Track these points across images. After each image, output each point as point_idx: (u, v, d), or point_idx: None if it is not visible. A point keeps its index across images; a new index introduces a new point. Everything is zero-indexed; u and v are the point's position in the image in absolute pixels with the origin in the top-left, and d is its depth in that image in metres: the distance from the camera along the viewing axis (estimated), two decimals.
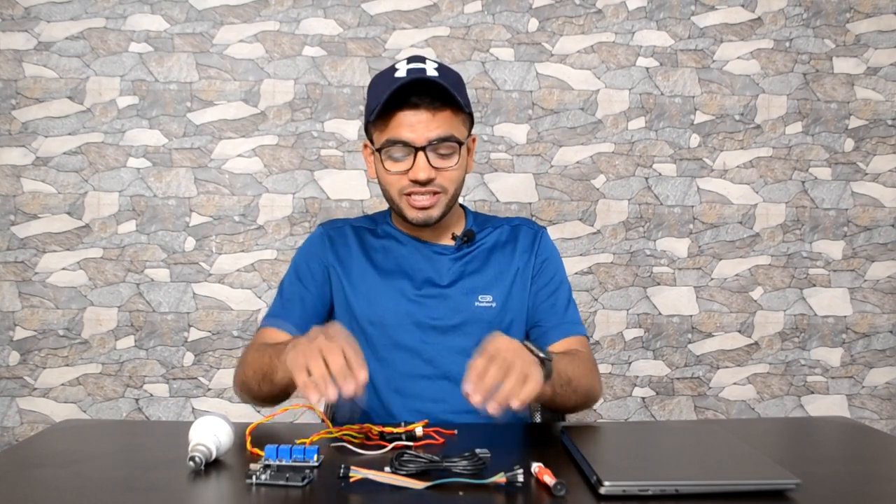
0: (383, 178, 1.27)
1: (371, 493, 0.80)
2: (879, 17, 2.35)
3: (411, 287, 1.29)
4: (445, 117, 1.22)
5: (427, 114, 1.21)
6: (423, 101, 1.20)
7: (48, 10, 2.15)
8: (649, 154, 2.30)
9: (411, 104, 1.20)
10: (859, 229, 2.36)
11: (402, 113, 1.21)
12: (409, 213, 1.26)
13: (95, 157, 2.17)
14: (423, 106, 1.20)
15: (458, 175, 1.26)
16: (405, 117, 1.21)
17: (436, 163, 1.22)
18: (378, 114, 1.22)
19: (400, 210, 1.27)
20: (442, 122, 1.22)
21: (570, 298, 1.35)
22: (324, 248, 1.34)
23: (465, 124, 1.27)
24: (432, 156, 1.21)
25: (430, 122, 1.21)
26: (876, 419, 2.37)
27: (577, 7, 2.27)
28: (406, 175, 1.22)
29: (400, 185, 1.24)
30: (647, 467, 0.88)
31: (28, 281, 2.16)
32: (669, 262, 2.31)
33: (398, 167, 1.23)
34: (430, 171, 1.21)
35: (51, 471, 0.88)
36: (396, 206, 1.28)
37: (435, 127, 1.21)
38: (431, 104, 1.21)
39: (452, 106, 1.23)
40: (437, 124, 1.21)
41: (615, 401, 2.31)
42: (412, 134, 1.20)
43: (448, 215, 1.30)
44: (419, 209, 1.24)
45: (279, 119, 2.21)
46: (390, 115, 1.22)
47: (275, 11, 2.21)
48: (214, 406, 2.20)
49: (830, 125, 2.34)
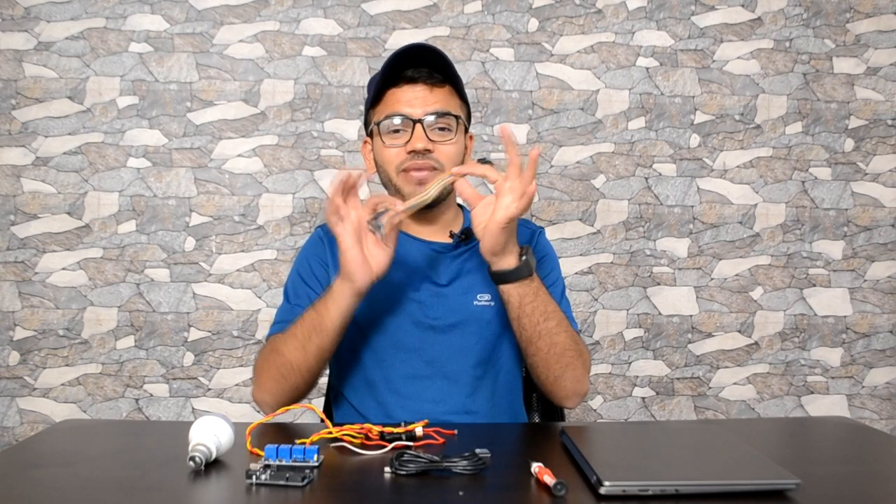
0: (382, 157, 1.27)
1: (371, 494, 0.80)
2: (879, 17, 2.35)
3: (410, 287, 1.29)
4: (443, 93, 1.26)
5: (424, 89, 1.24)
6: (420, 76, 1.24)
7: (48, 10, 2.15)
8: (649, 154, 2.30)
9: (409, 79, 1.24)
10: (859, 229, 2.36)
11: (400, 89, 1.25)
12: (407, 188, 1.24)
13: (95, 157, 2.17)
14: (420, 80, 1.24)
15: (456, 151, 1.26)
16: (403, 93, 1.24)
17: (434, 136, 1.23)
18: (377, 93, 1.25)
19: (398, 190, 1.26)
20: (440, 98, 1.25)
21: (565, 296, 1.35)
22: (322, 250, 1.34)
23: (461, 109, 1.30)
24: (430, 131, 1.23)
25: (428, 96, 1.24)
26: (876, 419, 2.37)
27: (577, 7, 2.27)
28: (404, 148, 1.23)
29: (398, 160, 1.24)
30: (647, 467, 0.88)
31: (28, 281, 2.16)
32: (669, 262, 2.31)
33: (396, 141, 1.24)
34: (427, 141, 1.22)
35: (51, 471, 0.88)
36: (394, 186, 1.27)
37: (433, 101, 1.24)
38: (429, 78, 1.24)
39: (450, 85, 1.27)
40: (435, 99, 1.24)
41: (615, 401, 2.31)
42: (410, 108, 1.23)
43: (446, 210, 1.31)
44: (417, 184, 1.23)
45: (279, 119, 2.21)
46: (389, 93, 1.25)
47: (275, 11, 2.21)
48: (214, 406, 2.20)
49: (830, 125, 2.34)
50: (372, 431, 1.01)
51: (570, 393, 1.24)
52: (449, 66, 1.26)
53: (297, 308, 1.27)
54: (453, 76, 1.27)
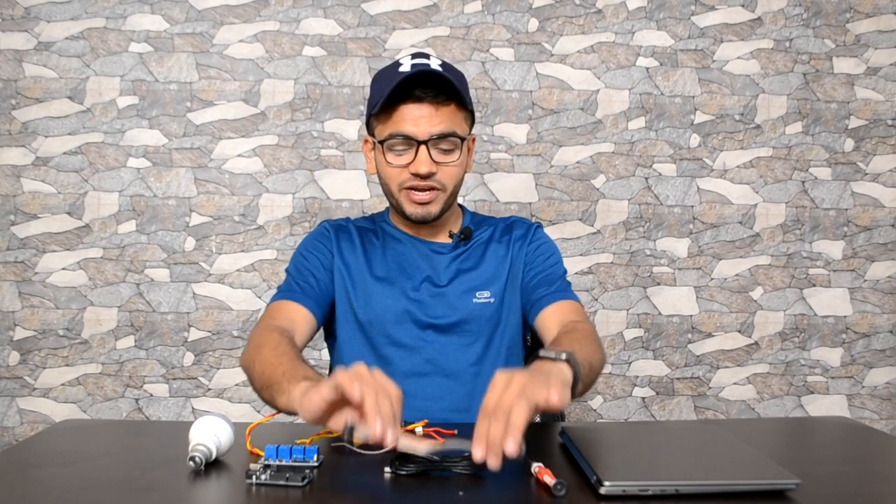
0: (384, 172, 1.27)
1: (371, 494, 0.80)
2: (879, 17, 2.35)
3: (410, 286, 1.29)
4: (448, 112, 1.23)
5: (430, 108, 1.22)
6: (426, 95, 1.21)
7: (48, 10, 2.15)
8: (649, 154, 2.30)
9: (415, 98, 1.21)
10: (859, 229, 2.36)
11: (406, 107, 1.22)
12: (408, 208, 1.26)
13: (95, 157, 2.17)
14: (426, 100, 1.22)
15: (458, 172, 1.27)
16: (408, 111, 1.22)
17: (437, 157, 1.23)
18: (381, 107, 1.23)
19: (399, 205, 1.27)
20: (445, 118, 1.23)
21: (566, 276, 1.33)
22: (329, 241, 1.34)
23: (466, 121, 1.29)
24: (434, 151, 1.22)
25: (433, 116, 1.22)
26: (876, 419, 2.36)
27: (577, 7, 2.27)
28: (407, 168, 1.23)
29: (400, 178, 1.25)
30: (647, 467, 0.88)
31: (28, 281, 2.16)
32: (669, 262, 2.31)
33: (400, 161, 1.24)
34: (431, 165, 1.22)
35: (51, 471, 0.88)
36: (396, 200, 1.28)
37: (438, 122, 1.22)
38: (435, 99, 1.22)
39: (455, 102, 1.24)
40: (440, 119, 1.22)
41: (615, 401, 2.31)
42: (415, 128, 1.22)
43: (446, 214, 1.31)
44: (418, 204, 1.25)
45: (279, 119, 2.21)
46: (394, 109, 1.23)
47: (275, 11, 2.20)
48: (214, 406, 2.20)
49: (830, 125, 2.34)
50: None
51: None
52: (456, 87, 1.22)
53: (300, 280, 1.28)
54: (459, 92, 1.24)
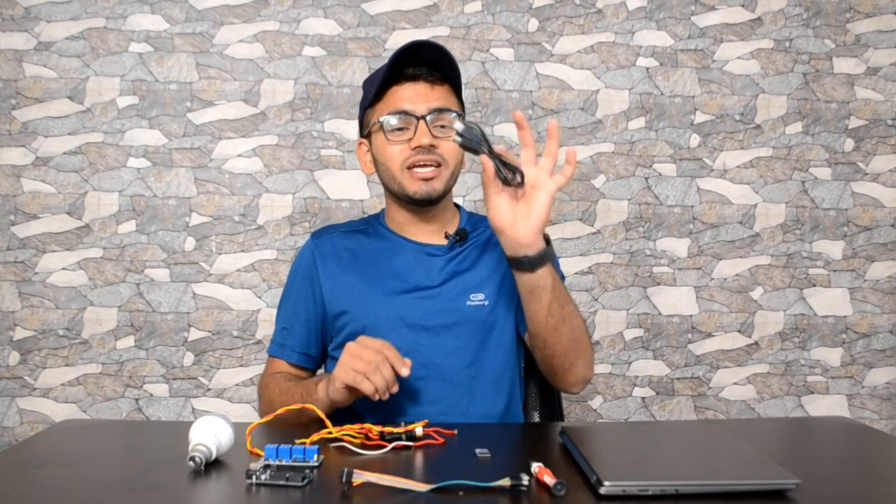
0: (385, 154, 1.27)
1: (372, 495, 0.80)
2: (879, 17, 2.35)
3: (402, 289, 1.29)
4: (444, 91, 1.28)
5: (425, 86, 1.26)
6: (420, 73, 1.26)
7: (48, 10, 2.15)
8: (649, 154, 2.30)
9: (410, 77, 1.25)
10: (859, 229, 2.36)
11: (401, 87, 1.26)
12: (412, 186, 1.25)
13: (95, 157, 2.17)
14: (421, 78, 1.26)
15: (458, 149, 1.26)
16: (404, 91, 1.26)
17: (436, 133, 1.25)
18: (377, 92, 1.26)
19: (402, 188, 1.27)
20: (440, 95, 1.27)
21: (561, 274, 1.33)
22: (311, 265, 1.35)
23: (458, 107, 1.31)
24: (432, 128, 1.24)
25: (429, 93, 1.26)
26: (876, 419, 2.37)
27: (577, 7, 2.27)
28: (408, 144, 1.24)
29: (402, 157, 1.25)
30: (647, 467, 0.88)
31: (28, 281, 2.16)
32: (669, 262, 2.31)
33: (399, 138, 1.25)
34: (431, 137, 1.23)
35: (51, 471, 0.88)
36: (398, 183, 1.27)
37: (434, 98, 1.25)
38: (429, 76, 1.26)
39: (449, 84, 1.29)
40: (437, 96, 1.26)
41: (615, 401, 2.31)
42: (412, 105, 1.25)
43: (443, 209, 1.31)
44: (422, 181, 1.25)
45: (279, 119, 2.21)
46: (390, 93, 1.26)
47: (275, 11, 2.21)
48: (214, 406, 2.20)
49: (830, 125, 2.34)
50: (372, 431, 1.01)
51: (579, 379, 1.24)
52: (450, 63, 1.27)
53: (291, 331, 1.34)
54: (452, 74, 1.29)
